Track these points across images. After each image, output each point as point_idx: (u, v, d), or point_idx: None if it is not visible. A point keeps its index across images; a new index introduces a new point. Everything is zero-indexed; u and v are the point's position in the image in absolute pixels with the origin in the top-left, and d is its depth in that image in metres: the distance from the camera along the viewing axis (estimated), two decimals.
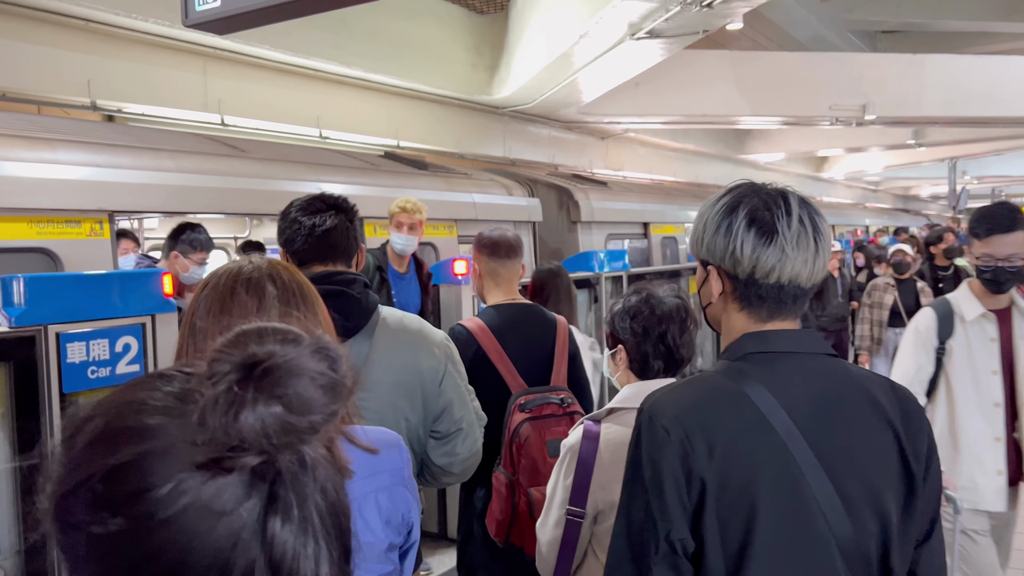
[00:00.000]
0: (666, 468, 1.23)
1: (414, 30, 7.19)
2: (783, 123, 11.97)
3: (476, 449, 2.08)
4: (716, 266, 1.39)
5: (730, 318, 1.40)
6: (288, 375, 0.60)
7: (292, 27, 6.00)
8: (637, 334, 2.07)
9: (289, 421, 0.59)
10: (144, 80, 5.67)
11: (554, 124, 10.15)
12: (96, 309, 2.38)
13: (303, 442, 0.62)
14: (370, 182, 5.28)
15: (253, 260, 1.39)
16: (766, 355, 1.33)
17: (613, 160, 11.87)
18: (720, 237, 1.36)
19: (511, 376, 2.59)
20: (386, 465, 1.39)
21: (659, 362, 2.07)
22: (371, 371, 1.85)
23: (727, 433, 1.24)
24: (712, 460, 1.22)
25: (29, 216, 3.16)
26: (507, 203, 6.53)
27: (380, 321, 1.93)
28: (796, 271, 1.33)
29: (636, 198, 8.75)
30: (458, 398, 2.02)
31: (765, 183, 1.41)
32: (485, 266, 2.82)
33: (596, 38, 6.72)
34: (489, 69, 8.10)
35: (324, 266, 1.96)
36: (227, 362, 0.61)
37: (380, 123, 7.64)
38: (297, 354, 0.62)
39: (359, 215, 2.08)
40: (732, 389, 1.29)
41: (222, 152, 4.61)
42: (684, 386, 1.34)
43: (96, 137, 3.82)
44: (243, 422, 0.58)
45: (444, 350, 2.02)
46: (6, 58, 4.87)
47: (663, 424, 1.25)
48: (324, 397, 0.62)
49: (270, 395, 0.59)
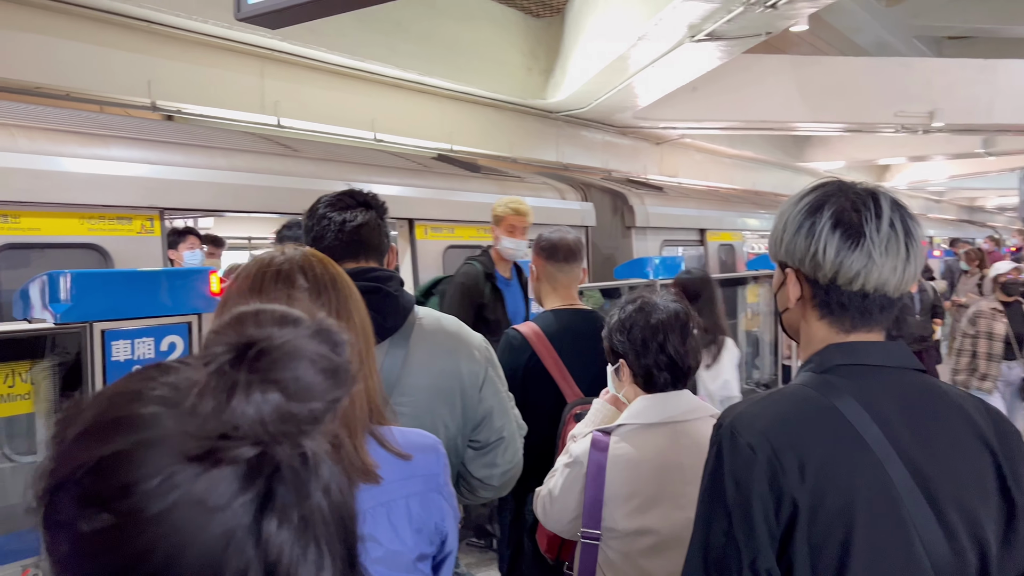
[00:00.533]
0: (754, 489, 1.14)
1: (469, 33, 7.16)
2: (845, 130, 11.63)
3: (517, 460, 1.97)
4: (795, 269, 1.29)
5: (810, 326, 1.30)
6: (286, 358, 0.57)
7: (348, 29, 6.02)
8: (636, 346, 1.96)
9: (288, 408, 0.56)
10: (202, 81, 5.74)
11: (608, 129, 10.02)
12: (142, 307, 2.34)
13: (304, 433, 0.58)
14: (423, 184, 5.22)
15: (286, 251, 1.31)
16: (855, 368, 1.24)
17: (668, 166, 11.68)
18: (801, 238, 1.26)
19: (567, 384, 2.48)
20: (420, 469, 1.30)
21: (664, 374, 1.95)
22: (409, 375, 1.75)
23: (820, 451, 1.15)
24: (804, 480, 1.13)
25: (80, 212, 3.16)
26: (560, 207, 6.42)
27: (416, 322, 1.83)
28: (884, 279, 1.23)
29: (693, 204, 8.56)
30: (499, 405, 1.91)
31: (855, 182, 1.31)
32: (543, 269, 2.72)
33: (654, 40, 6.59)
34: (544, 73, 8.02)
35: (356, 263, 1.86)
36: (221, 343, 0.58)
37: (434, 126, 7.62)
38: (296, 336, 0.59)
39: (388, 212, 1.98)
40: (822, 403, 1.19)
41: (275, 151, 4.60)
42: (767, 399, 1.24)
43: (148, 134, 3.84)
44: (236, 407, 0.55)
45: (484, 354, 1.92)
46: (71, 59, 4.95)
47: (748, 441, 1.16)
48: (325, 382, 0.58)
49: (266, 379, 0.56)
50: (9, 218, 2.96)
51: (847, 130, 11.81)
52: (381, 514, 1.23)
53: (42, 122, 3.38)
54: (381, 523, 1.22)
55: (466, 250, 5.39)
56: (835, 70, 10.28)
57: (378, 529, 1.21)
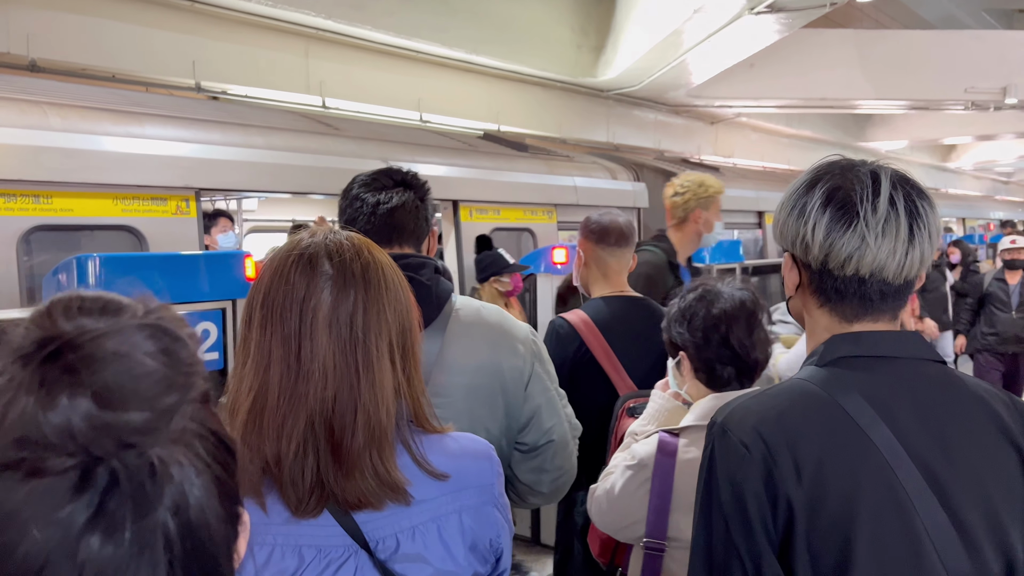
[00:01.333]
0: (748, 490, 1.07)
1: (518, 11, 7.00)
2: (910, 107, 11.17)
3: (570, 466, 1.80)
4: (791, 253, 1.22)
5: (812, 315, 1.22)
6: (98, 357, 0.50)
7: (394, 7, 5.91)
8: (697, 339, 1.81)
9: (101, 418, 0.48)
10: (247, 61, 5.69)
11: (660, 108, 9.76)
12: (174, 292, 2.24)
13: (128, 447, 0.50)
14: (468, 163, 5.07)
15: (320, 232, 1.17)
16: (862, 360, 1.15)
17: (723, 146, 11.36)
18: (793, 219, 1.19)
19: (619, 376, 2.32)
20: (473, 479, 1.16)
21: (728, 368, 1.80)
22: (443, 373, 1.60)
23: (818, 450, 1.08)
24: (801, 480, 1.06)
25: (114, 192, 3.08)
26: (611, 187, 6.21)
27: (453, 313, 1.68)
28: (880, 263, 1.13)
29: (750, 184, 8.25)
30: (547, 404, 1.74)
31: (865, 160, 1.21)
32: (592, 254, 2.55)
33: (711, 13, 6.34)
34: (594, 50, 7.81)
35: (389, 249, 1.71)
36: (25, 336, 0.51)
37: (481, 107, 7.49)
38: (114, 329, 0.51)
39: (431, 193, 1.82)
40: (822, 399, 1.11)
41: (316, 130, 4.49)
42: (764, 395, 1.16)
43: (185, 112, 3.75)
44: (38, 414, 0.48)
45: (530, 347, 1.75)
46: (116, 40, 4.93)
47: (740, 438, 1.09)
48: (153, 388, 0.51)
49: (71, 381, 0.49)
50: (41, 199, 2.90)
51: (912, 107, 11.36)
52: (431, 530, 1.10)
53: (75, 100, 3.31)
54: (431, 540, 1.09)
55: (512, 233, 5.23)
56: (901, 44, 9.86)
57: (428, 547, 1.09)
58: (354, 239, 1.15)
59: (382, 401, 1.07)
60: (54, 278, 2.29)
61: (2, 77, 3.68)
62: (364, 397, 1.06)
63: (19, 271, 2.86)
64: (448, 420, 1.57)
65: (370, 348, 1.08)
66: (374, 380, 1.07)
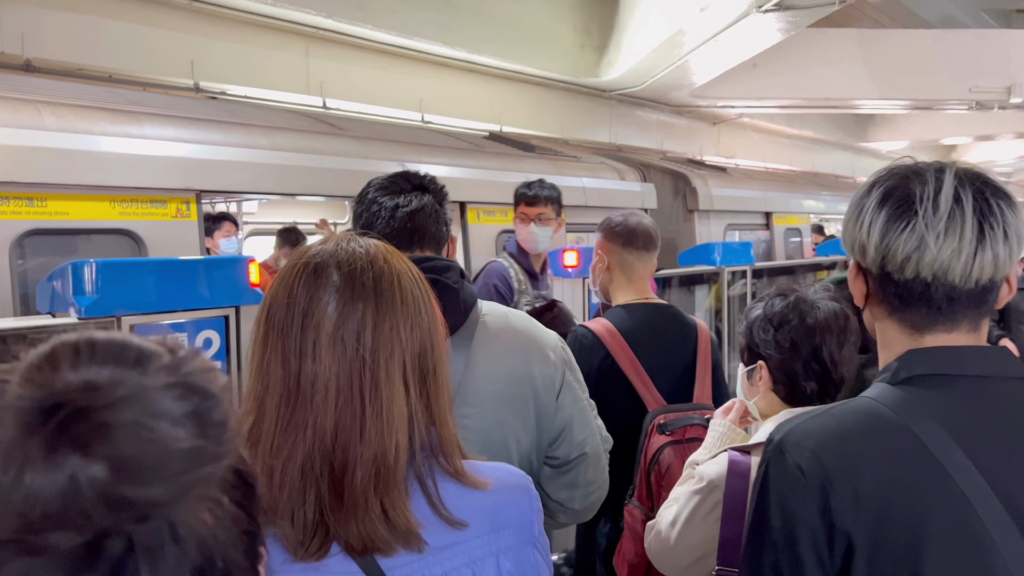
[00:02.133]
0: (800, 518, 1.00)
1: (521, 10, 6.92)
2: (913, 107, 11.12)
3: (602, 480, 1.72)
4: (859, 263, 1.14)
5: (883, 328, 1.14)
6: (114, 428, 0.42)
7: (396, 6, 5.83)
8: (783, 349, 1.68)
9: (118, 492, 0.42)
10: (246, 61, 5.60)
11: (663, 108, 9.69)
12: (174, 299, 2.13)
13: (144, 520, 0.43)
14: (475, 164, 4.96)
15: (334, 240, 1.05)
16: (938, 378, 1.06)
17: (725, 147, 11.30)
18: (851, 223, 1.13)
19: (647, 390, 2.20)
20: (512, 518, 1.05)
21: (811, 383, 1.67)
22: (472, 381, 1.52)
23: (882, 478, 0.99)
24: (860, 512, 0.98)
25: (112, 195, 2.97)
26: (619, 188, 6.11)
27: (480, 319, 1.60)
28: (943, 264, 1.04)
29: (758, 185, 8.16)
30: (579, 416, 1.65)
31: (937, 160, 1.14)
32: (618, 258, 2.40)
33: (717, 11, 6.26)
34: (597, 50, 7.73)
35: (410, 253, 1.63)
36: (25, 396, 0.43)
37: (483, 107, 7.41)
38: (134, 393, 0.43)
39: (448, 197, 1.74)
40: (891, 421, 1.02)
41: (319, 130, 4.38)
42: (827, 414, 1.08)
43: (184, 111, 3.64)
44: (32, 487, 0.41)
45: (560, 355, 1.67)
46: (112, 39, 4.84)
47: (797, 461, 1.02)
48: (180, 461, 0.43)
49: (83, 452, 0.41)
50: (35, 201, 2.79)
51: (916, 107, 11.32)
52: (468, 575, 0.98)
53: (71, 99, 3.20)
54: None
55: None
56: (905, 44, 9.81)
57: None
58: (371, 246, 1.04)
59: (390, 432, 0.95)
60: (48, 285, 2.18)
61: None
62: (368, 427, 0.94)
63: (12, 277, 2.75)
64: (478, 431, 1.49)
65: (378, 370, 0.96)
66: (381, 408, 0.95)
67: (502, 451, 1.53)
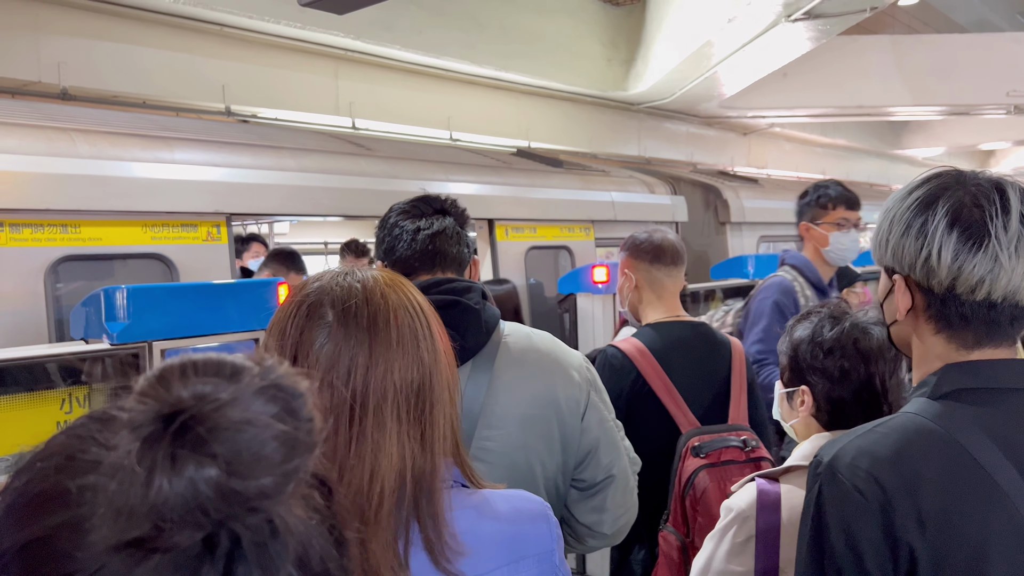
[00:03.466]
0: (865, 539, 0.99)
1: (547, 26, 6.92)
2: (949, 113, 10.91)
3: (631, 503, 1.67)
4: (904, 275, 1.13)
5: (924, 342, 1.13)
6: (223, 425, 0.48)
7: (422, 26, 5.86)
8: (832, 376, 1.59)
9: (229, 486, 0.47)
10: (276, 84, 5.67)
11: (692, 120, 9.62)
12: (205, 323, 2.14)
13: (253, 511, 0.49)
14: (502, 181, 4.96)
15: (328, 275, 1.02)
16: (982, 392, 1.07)
17: (756, 157, 11.17)
18: (911, 239, 1.10)
19: (680, 411, 2.14)
20: (532, 547, 1.01)
21: (858, 412, 1.58)
22: (495, 403, 1.49)
23: (941, 495, 0.99)
24: (925, 530, 0.98)
25: (143, 220, 3.01)
26: (649, 202, 6.06)
27: (502, 340, 1.57)
28: (1015, 286, 1.06)
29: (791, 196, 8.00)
30: (606, 437, 1.61)
31: (975, 171, 1.13)
32: (646, 276, 2.35)
33: (745, 22, 6.20)
34: (625, 64, 7.70)
35: (432, 275, 1.63)
36: (143, 409, 0.48)
37: (510, 124, 7.42)
38: (236, 395, 0.49)
39: (470, 219, 1.74)
40: (941, 437, 1.03)
41: (347, 151, 4.40)
42: (873, 432, 1.07)
43: (214, 135, 3.67)
44: (163, 488, 0.46)
45: (585, 375, 1.63)
46: (146, 66, 4.93)
47: (855, 483, 1.01)
48: (279, 451, 0.49)
49: (200, 453, 0.47)
50: (68, 228, 2.84)
51: (951, 113, 11.11)
52: None
53: (103, 126, 3.25)
54: None
55: (549, 251, 5.10)
56: (940, 49, 9.63)
57: None
58: (368, 280, 1.00)
59: (376, 477, 0.91)
60: (82, 311, 2.20)
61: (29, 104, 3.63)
62: (348, 476, 0.90)
63: (47, 303, 2.79)
64: (502, 454, 1.46)
65: (366, 416, 0.92)
66: (365, 452, 0.91)
67: (527, 474, 1.50)
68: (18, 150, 2.81)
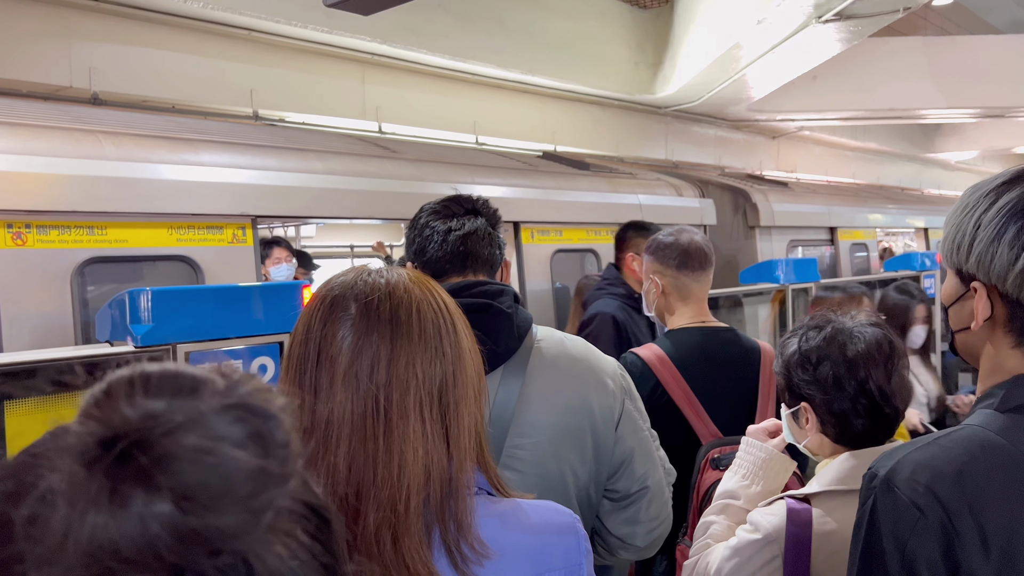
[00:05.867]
0: (922, 559, 0.93)
1: (574, 29, 6.89)
2: (983, 115, 10.72)
3: (666, 515, 1.63)
4: (988, 284, 1.05)
5: (999, 353, 1.06)
6: (175, 456, 0.40)
7: (449, 30, 5.86)
8: (826, 387, 1.53)
9: (186, 525, 0.40)
10: (304, 88, 5.70)
11: (720, 123, 9.54)
12: (229, 326, 2.12)
13: (216, 553, 0.41)
14: (528, 183, 4.93)
15: (353, 272, 1.00)
16: None
17: (785, 161, 11.05)
18: (1003, 247, 1.02)
19: (700, 421, 2.08)
20: (559, 560, 0.98)
21: (862, 420, 1.52)
22: (526, 411, 1.45)
23: (1009, 517, 0.93)
24: (989, 554, 0.92)
25: (168, 222, 3.02)
26: (678, 205, 6.00)
27: (535, 345, 1.53)
28: None
29: (821, 200, 7.92)
30: (640, 447, 1.57)
31: None
32: (672, 281, 2.26)
33: (775, 23, 6.12)
34: (652, 67, 7.65)
35: (463, 276, 1.59)
36: (83, 434, 0.42)
37: (536, 127, 7.40)
38: (192, 416, 0.42)
39: (501, 220, 1.70)
40: (1008, 452, 0.97)
41: (373, 153, 4.40)
42: (935, 445, 1.01)
43: (240, 138, 3.68)
44: (97, 530, 0.39)
45: (619, 383, 1.60)
46: (176, 71, 4.98)
47: (912, 498, 0.95)
48: (245, 483, 0.41)
49: (145, 486, 0.39)
50: (95, 230, 2.85)
51: (985, 116, 10.91)
52: None
53: (129, 128, 3.27)
54: None
55: (575, 254, 5.06)
56: (972, 50, 9.48)
57: None
58: (393, 276, 0.99)
59: (402, 476, 0.89)
60: (108, 313, 2.20)
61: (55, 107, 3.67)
62: (380, 471, 0.89)
63: (74, 305, 2.80)
64: (534, 463, 1.43)
65: (391, 408, 0.91)
66: (392, 447, 0.90)
67: (558, 484, 1.46)
68: (45, 152, 2.82)
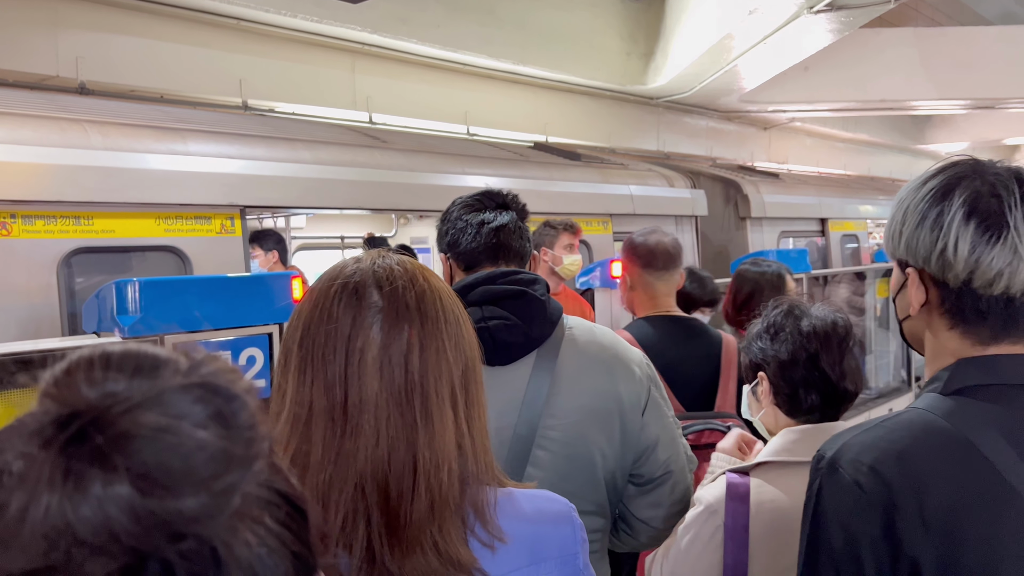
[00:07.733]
0: (863, 538, 0.95)
1: (565, 19, 6.88)
2: (974, 107, 10.77)
3: (687, 498, 1.69)
4: (918, 269, 1.08)
5: (937, 337, 1.09)
6: (134, 435, 0.40)
7: (440, 19, 5.82)
8: (781, 358, 1.60)
9: (145, 508, 0.39)
10: (293, 78, 5.67)
11: (712, 114, 9.55)
12: (217, 317, 2.11)
13: (179, 538, 0.40)
14: (520, 174, 4.91)
15: (367, 257, 0.99)
16: (996, 389, 1.02)
17: (776, 152, 11.08)
18: (925, 231, 1.05)
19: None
20: (555, 549, 0.97)
21: (813, 395, 1.59)
22: (558, 394, 1.52)
23: (949, 495, 0.95)
24: (929, 532, 0.93)
25: (156, 212, 2.99)
26: (668, 196, 6.00)
27: (566, 332, 1.60)
28: None
29: (812, 191, 7.97)
30: (665, 434, 1.64)
31: (992, 160, 1.09)
32: (639, 279, 2.47)
33: (766, 14, 6.12)
34: (644, 57, 7.64)
35: (495, 266, 1.66)
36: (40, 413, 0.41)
37: (528, 118, 7.40)
38: (152, 395, 0.41)
39: (529, 214, 1.77)
40: (950, 434, 0.98)
41: (363, 143, 4.37)
42: (879, 427, 1.02)
43: (228, 127, 3.65)
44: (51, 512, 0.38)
45: (645, 371, 1.66)
46: (164, 60, 4.94)
47: (855, 478, 0.97)
48: (207, 465, 0.41)
49: (106, 468, 0.39)
50: (81, 220, 2.82)
51: (976, 107, 10.97)
52: None
53: (116, 117, 3.24)
54: None
55: None
56: (963, 42, 9.51)
57: None
58: (406, 263, 0.99)
59: (444, 459, 0.90)
60: (95, 303, 2.19)
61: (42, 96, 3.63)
62: (424, 455, 0.89)
63: (60, 296, 2.78)
64: (564, 444, 1.49)
65: (429, 394, 0.91)
66: (434, 433, 0.90)
67: (587, 465, 1.52)
68: (30, 141, 2.79)
